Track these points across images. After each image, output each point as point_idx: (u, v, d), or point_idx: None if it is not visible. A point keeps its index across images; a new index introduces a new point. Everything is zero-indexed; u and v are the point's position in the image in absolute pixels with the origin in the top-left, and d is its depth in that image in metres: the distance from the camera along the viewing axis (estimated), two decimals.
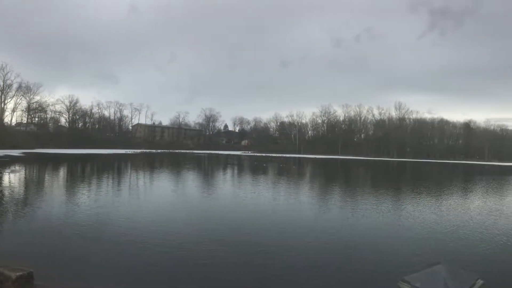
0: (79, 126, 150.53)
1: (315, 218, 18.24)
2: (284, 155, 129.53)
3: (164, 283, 9.06)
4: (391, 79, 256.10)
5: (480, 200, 27.18)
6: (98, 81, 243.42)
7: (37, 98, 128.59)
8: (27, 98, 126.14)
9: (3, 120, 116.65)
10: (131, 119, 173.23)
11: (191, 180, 36.73)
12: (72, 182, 31.82)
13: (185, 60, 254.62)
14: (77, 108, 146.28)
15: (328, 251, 12.21)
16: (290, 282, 9.40)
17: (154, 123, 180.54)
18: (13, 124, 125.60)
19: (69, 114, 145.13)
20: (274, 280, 9.46)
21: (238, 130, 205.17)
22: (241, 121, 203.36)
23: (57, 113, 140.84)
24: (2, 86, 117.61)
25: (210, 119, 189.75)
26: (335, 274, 10.04)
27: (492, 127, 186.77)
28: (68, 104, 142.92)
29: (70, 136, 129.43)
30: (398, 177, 57.53)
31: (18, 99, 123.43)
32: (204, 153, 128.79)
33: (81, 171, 44.79)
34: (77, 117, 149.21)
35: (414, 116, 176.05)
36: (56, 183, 30.42)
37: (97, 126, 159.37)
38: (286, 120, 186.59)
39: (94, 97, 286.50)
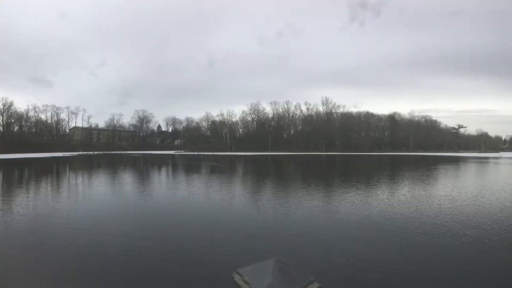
0: (15, 130, 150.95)
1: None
2: (216, 153, 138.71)
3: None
4: (316, 74, 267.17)
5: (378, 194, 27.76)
6: (32, 85, 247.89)
7: None
8: None
9: None
10: (68, 122, 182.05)
11: (124, 181, 37.71)
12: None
13: (116, 64, 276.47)
14: (11, 111, 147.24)
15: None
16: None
17: (90, 126, 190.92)
18: None
19: (3, 117, 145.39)
20: None
21: (171, 130, 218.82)
22: (174, 121, 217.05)
23: None
24: None
25: (143, 120, 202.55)
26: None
27: (416, 118, 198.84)
28: (1, 107, 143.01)
29: (4, 140, 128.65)
30: (311, 171, 60.18)
31: None
32: (139, 154, 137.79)
33: (16, 176, 44.28)
34: (12, 120, 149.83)
35: (341, 110, 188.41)
36: None
37: (34, 130, 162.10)
38: (217, 119, 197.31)
39: (29, 101, 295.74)
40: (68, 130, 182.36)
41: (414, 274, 10.97)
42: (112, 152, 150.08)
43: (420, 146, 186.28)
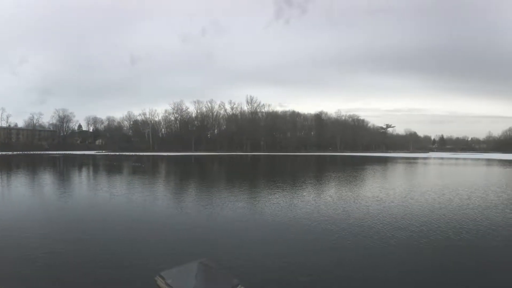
0: None
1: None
2: (138, 153, 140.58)
3: None
4: (241, 72, 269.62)
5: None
6: None
7: None
8: None
9: None
10: None
11: (44, 182, 37.68)
12: None
13: (36, 62, 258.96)
14: None
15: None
16: None
17: (9, 125, 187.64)
18: None
19: None
20: None
21: (92, 129, 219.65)
22: (95, 120, 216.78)
23: None
24: None
25: (63, 119, 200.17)
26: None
27: (343, 118, 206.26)
28: None
29: None
30: (236, 171, 62.05)
31: None
32: (59, 154, 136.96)
33: None
34: None
35: (266, 109, 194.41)
36: None
37: None
38: (139, 118, 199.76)
39: None
40: None
41: (341, 277, 11.15)
42: (32, 152, 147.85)
43: (347, 146, 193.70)
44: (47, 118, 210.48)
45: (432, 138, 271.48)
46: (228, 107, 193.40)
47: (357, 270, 11.76)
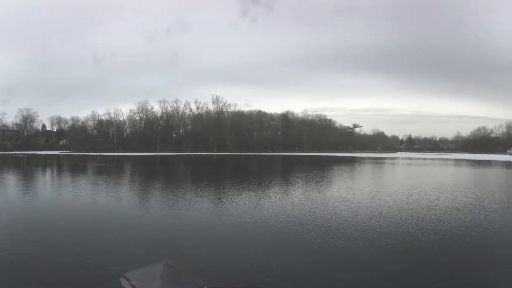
0: None
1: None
2: (103, 153, 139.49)
3: None
4: (207, 71, 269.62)
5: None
6: None
7: None
8: None
9: None
10: None
11: (7, 183, 37.74)
12: None
13: None
14: None
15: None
16: None
17: None
18: None
19: None
20: None
21: (56, 129, 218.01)
22: (59, 120, 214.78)
23: None
24: None
25: (27, 119, 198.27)
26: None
27: (310, 118, 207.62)
28: None
29: None
30: (202, 172, 62.25)
31: None
32: (23, 154, 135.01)
33: None
34: None
35: (232, 109, 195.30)
36: None
37: None
38: (103, 118, 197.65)
39: None
40: None
41: (308, 279, 11.20)
42: None
43: (314, 146, 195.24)
44: (10, 118, 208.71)
45: (400, 138, 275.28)
46: (193, 106, 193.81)
47: (324, 271, 11.83)
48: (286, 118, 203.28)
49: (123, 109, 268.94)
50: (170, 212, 21.27)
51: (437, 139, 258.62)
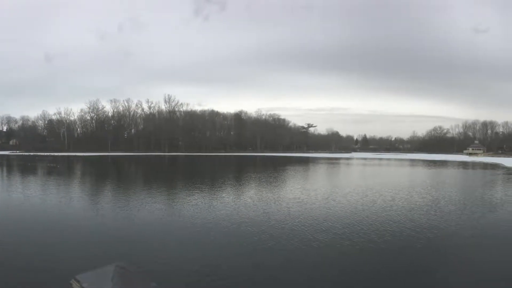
0: None
1: None
2: (53, 154, 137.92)
3: None
4: (159, 70, 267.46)
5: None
6: None
7: None
8: None
9: None
10: None
11: None
12: None
13: None
14: None
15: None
16: None
17: None
18: None
19: None
20: None
21: (6, 129, 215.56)
22: (9, 120, 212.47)
23: None
24: None
25: None
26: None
27: (264, 117, 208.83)
28: None
29: None
30: (153, 172, 63.34)
31: None
32: None
33: None
34: None
35: (184, 108, 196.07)
36: None
37: None
38: (54, 118, 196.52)
39: None
40: None
41: (262, 281, 11.27)
42: None
43: (268, 146, 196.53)
44: None
45: (355, 138, 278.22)
46: (145, 106, 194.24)
47: (277, 273, 11.91)
48: (239, 118, 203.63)
49: (74, 108, 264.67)
50: (121, 213, 21.11)
51: (393, 139, 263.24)
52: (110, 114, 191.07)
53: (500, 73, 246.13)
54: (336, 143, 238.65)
